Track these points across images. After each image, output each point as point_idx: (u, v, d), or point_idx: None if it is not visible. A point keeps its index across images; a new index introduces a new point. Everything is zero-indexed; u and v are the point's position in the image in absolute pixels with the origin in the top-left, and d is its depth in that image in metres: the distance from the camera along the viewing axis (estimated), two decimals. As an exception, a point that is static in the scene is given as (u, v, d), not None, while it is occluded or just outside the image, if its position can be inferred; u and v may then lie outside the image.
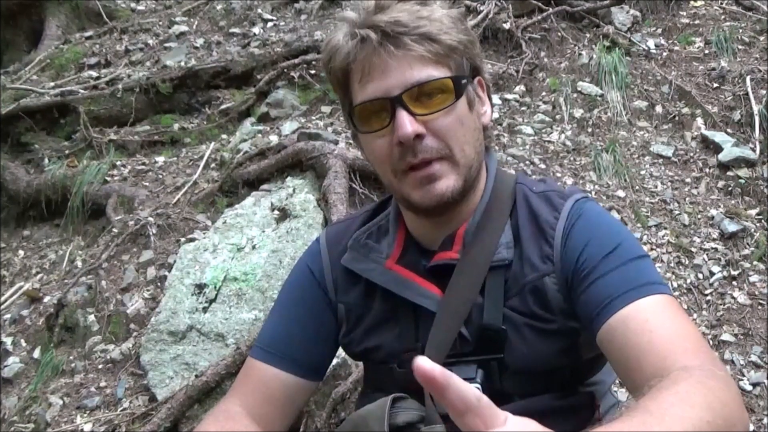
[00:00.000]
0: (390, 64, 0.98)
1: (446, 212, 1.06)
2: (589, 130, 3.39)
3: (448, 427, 0.98)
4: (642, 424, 0.70)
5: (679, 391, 0.76)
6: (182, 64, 4.07)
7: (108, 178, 3.46)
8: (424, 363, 0.56)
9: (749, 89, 3.38)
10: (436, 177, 1.01)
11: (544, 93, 3.62)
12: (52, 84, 4.11)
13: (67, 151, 3.69)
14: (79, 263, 3.08)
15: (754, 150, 3.16)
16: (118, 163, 3.58)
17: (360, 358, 1.20)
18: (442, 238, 1.09)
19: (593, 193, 3.04)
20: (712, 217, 2.91)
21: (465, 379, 0.94)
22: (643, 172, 3.17)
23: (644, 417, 0.71)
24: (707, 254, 2.76)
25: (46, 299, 2.97)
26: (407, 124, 0.97)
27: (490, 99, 1.13)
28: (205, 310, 2.48)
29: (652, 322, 0.91)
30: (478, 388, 0.94)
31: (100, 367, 2.58)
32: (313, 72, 3.78)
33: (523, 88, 3.64)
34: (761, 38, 3.76)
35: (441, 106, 1.00)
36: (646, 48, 3.81)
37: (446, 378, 0.57)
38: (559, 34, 3.93)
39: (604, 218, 1.07)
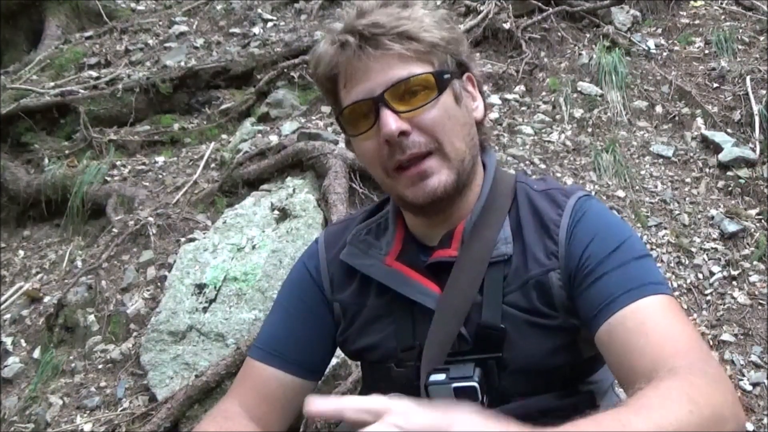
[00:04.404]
0: (371, 66, 0.99)
1: (442, 208, 1.06)
2: (589, 130, 3.39)
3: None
4: (615, 420, 0.71)
5: (659, 388, 0.78)
6: (182, 64, 4.07)
7: (108, 178, 3.47)
8: (312, 405, 0.68)
9: (749, 89, 3.38)
10: (427, 174, 1.01)
11: (544, 93, 3.61)
12: (52, 84, 4.11)
13: (67, 151, 3.70)
14: (79, 263, 3.08)
15: (754, 150, 3.16)
16: (118, 163, 3.58)
17: (357, 357, 1.20)
18: (440, 235, 1.10)
19: (593, 193, 3.04)
20: (712, 217, 2.90)
21: (462, 378, 0.96)
22: (643, 172, 3.17)
23: (618, 413, 0.73)
24: (707, 254, 2.76)
25: (46, 299, 2.97)
26: (391, 122, 0.98)
27: (482, 95, 1.13)
28: (205, 310, 2.48)
29: (647, 324, 0.92)
30: (475, 387, 0.95)
31: (100, 367, 2.58)
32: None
33: (523, 88, 3.64)
34: (761, 38, 3.76)
35: (423, 102, 1.01)
36: (646, 48, 3.81)
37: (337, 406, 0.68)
38: (559, 34, 3.93)
39: (607, 216, 1.08)
